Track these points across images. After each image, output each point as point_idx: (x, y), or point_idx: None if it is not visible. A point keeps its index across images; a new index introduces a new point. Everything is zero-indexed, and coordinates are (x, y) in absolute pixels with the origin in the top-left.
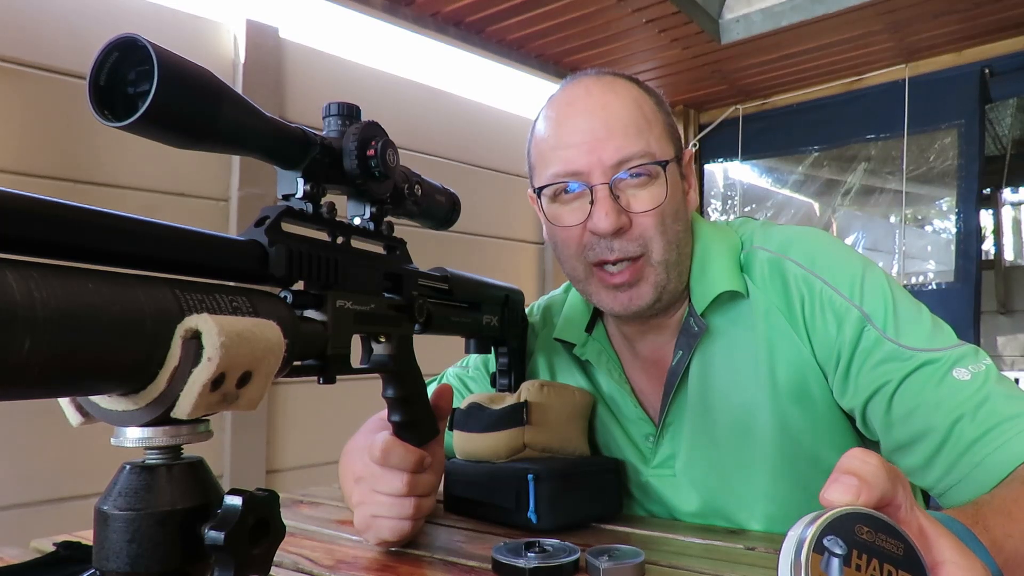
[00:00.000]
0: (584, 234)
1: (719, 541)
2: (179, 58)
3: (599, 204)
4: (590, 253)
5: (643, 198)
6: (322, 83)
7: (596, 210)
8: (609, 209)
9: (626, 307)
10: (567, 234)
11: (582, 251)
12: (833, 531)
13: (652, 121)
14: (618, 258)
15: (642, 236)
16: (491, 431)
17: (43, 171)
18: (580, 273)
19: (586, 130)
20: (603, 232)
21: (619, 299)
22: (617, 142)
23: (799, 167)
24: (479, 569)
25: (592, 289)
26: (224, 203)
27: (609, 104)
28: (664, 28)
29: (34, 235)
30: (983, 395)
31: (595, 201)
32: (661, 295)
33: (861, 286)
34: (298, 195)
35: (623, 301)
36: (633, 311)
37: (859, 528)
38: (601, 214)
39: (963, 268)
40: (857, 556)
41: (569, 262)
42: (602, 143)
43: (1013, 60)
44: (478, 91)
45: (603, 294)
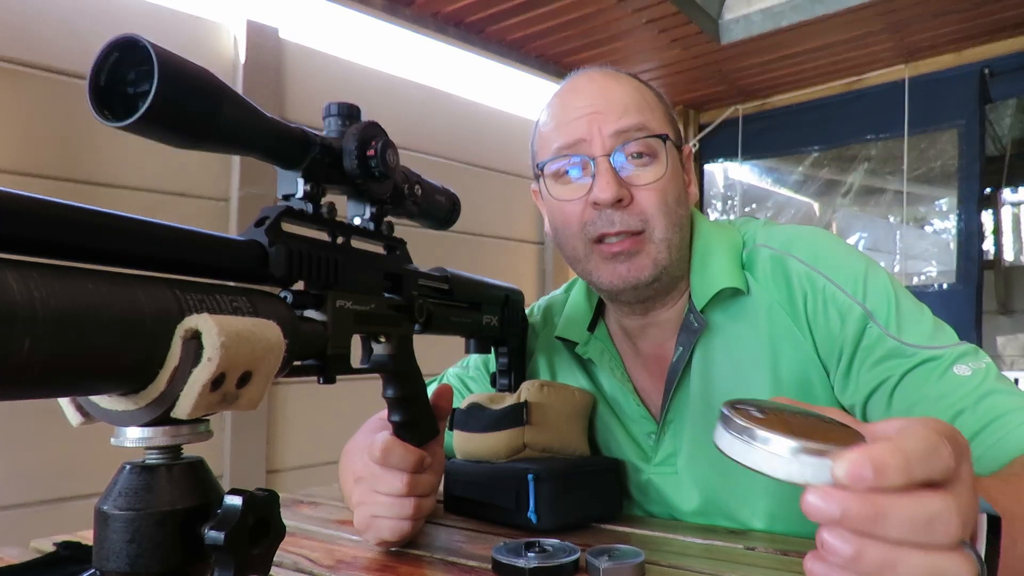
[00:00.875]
0: (586, 210)
1: (719, 541)
2: (179, 58)
3: (600, 175)
4: (591, 228)
5: (644, 174)
6: (322, 83)
7: (597, 181)
8: (610, 179)
9: (624, 279)
10: (570, 210)
11: (583, 227)
12: (741, 403)
13: (652, 106)
14: (619, 231)
15: (644, 212)
16: (491, 431)
17: (43, 171)
18: (580, 251)
19: (587, 105)
20: (604, 201)
21: (618, 270)
22: (617, 114)
23: (799, 167)
24: (479, 569)
25: (592, 266)
26: (224, 203)
27: (610, 86)
28: (664, 28)
29: (34, 235)
30: (984, 390)
31: (596, 174)
32: (660, 275)
33: (864, 283)
34: (298, 195)
35: (622, 272)
36: (632, 284)
37: (760, 401)
38: (603, 183)
39: (965, 269)
40: (767, 408)
41: (570, 242)
42: (602, 115)
43: (1013, 60)
44: (478, 91)
45: (602, 268)
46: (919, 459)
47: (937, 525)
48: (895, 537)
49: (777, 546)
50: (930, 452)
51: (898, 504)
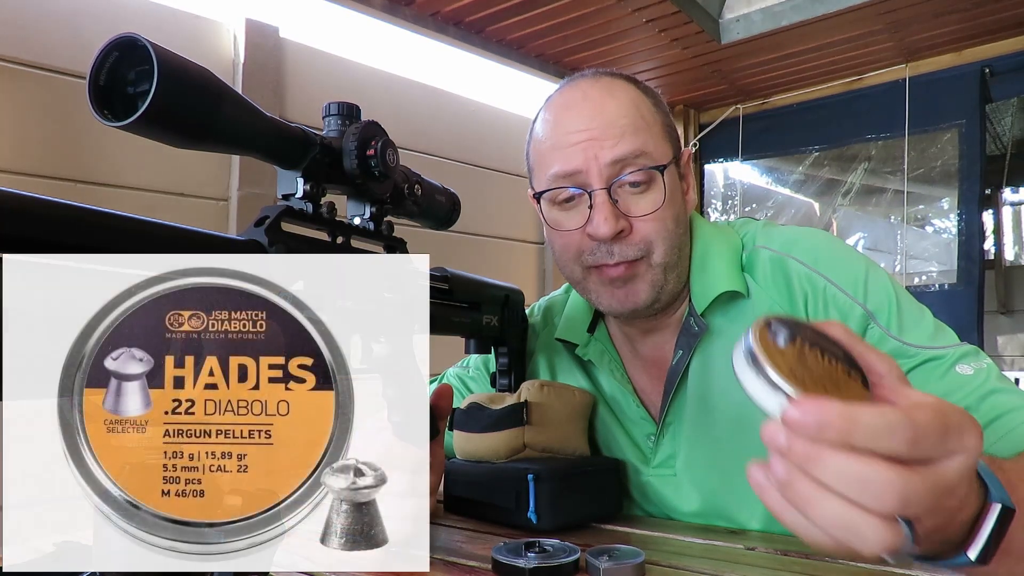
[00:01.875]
0: (583, 239)
1: (719, 541)
2: (179, 58)
3: (598, 209)
4: (589, 258)
5: (642, 203)
6: (322, 83)
7: (595, 215)
8: (608, 214)
9: (623, 303)
10: (567, 239)
11: (580, 255)
12: (782, 320)
13: (650, 122)
14: (618, 262)
15: (643, 239)
16: (491, 431)
17: (43, 171)
18: (578, 275)
19: (583, 130)
20: (602, 237)
21: (616, 295)
22: (614, 141)
23: (799, 167)
24: (479, 569)
25: (591, 287)
26: (224, 203)
27: (606, 106)
28: (664, 28)
29: (34, 235)
30: (987, 389)
31: (594, 207)
32: (659, 296)
33: (865, 285)
34: (298, 195)
35: (620, 298)
36: (630, 309)
37: (805, 327)
38: (600, 219)
39: (965, 270)
40: (802, 341)
41: (568, 266)
42: (599, 142)
43: (1013, 60)
44: (478, 91)
45: (602, 291)
46: (866, 431)
47: (870, 488)
48: (824, 482)
49: (776, 546)
50: (884, 429)
51: (836, 458)
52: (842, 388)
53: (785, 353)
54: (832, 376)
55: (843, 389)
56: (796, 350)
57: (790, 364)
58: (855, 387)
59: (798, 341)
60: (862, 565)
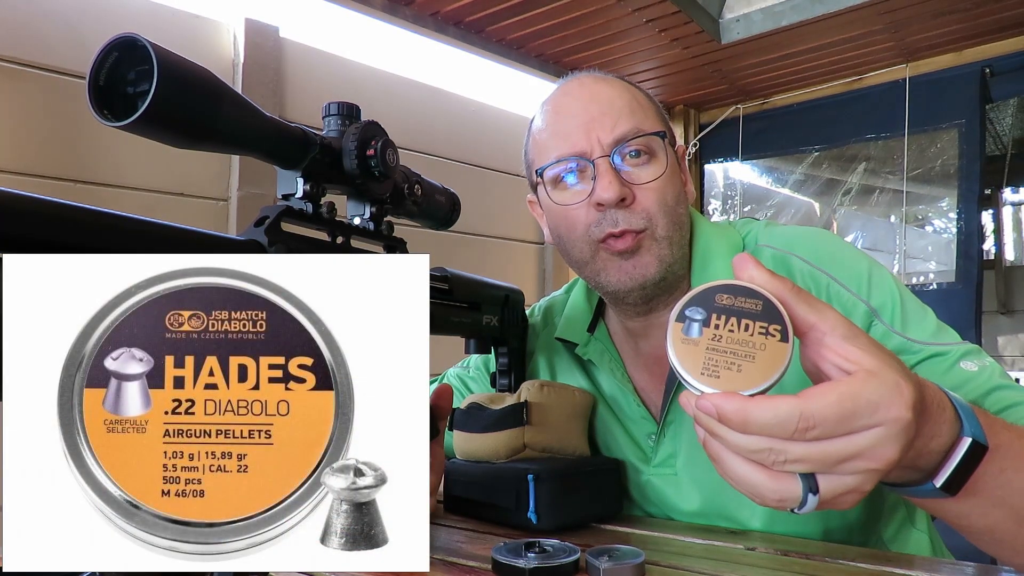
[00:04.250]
0: (589, 212)
1: (719, 541)
2: (179, 58)
3: (601, 176)
4: (595, 230)
5: (643, 173)
6: (322, 83)
7: (599, 181)
8: (612, 179)
9: (632, 276)
10: (573, 214)
11: (587, 230)
12: (695, 303)
13: (645, 107)
14: (623, 230)
15: (646, 210)
16: (491, 431)
17: (43, 171)
18: (587, 254)
19: (582, 112)
20: (608, 201)
21: (624, 268)
22: (612, 122)
23: (799, 167)
24: (479, 569)
25: (600, 265)
26: (224, 203)
27: (602, 91)
28: (664, 28)
29: (34, 235)
30: (992, 384)
31: (597, 175)
32: (666, 273)
33: (868, 282)
34: (298, 195)
35: (628, 270)
36: (639, 282)
37: (719, 296)
38: (604, 183)
39: (964, 269)
40: (716, 318)
41: (576, 246)
42: (598, 122)
43: (1013, 60)
44: (478, 91)
45: (610, 267)
46: (757, 423)
47: (763, 457)
48: (728, 444)
49: (777, 546)
50: (774, 422)
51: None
52: (757, 355)
53: (699, 343)
54: (747, 345)
55: (758, 357)
56: (709, 334)
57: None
58: (772, 346)
59: (712, 322)
60: (862, 565)
